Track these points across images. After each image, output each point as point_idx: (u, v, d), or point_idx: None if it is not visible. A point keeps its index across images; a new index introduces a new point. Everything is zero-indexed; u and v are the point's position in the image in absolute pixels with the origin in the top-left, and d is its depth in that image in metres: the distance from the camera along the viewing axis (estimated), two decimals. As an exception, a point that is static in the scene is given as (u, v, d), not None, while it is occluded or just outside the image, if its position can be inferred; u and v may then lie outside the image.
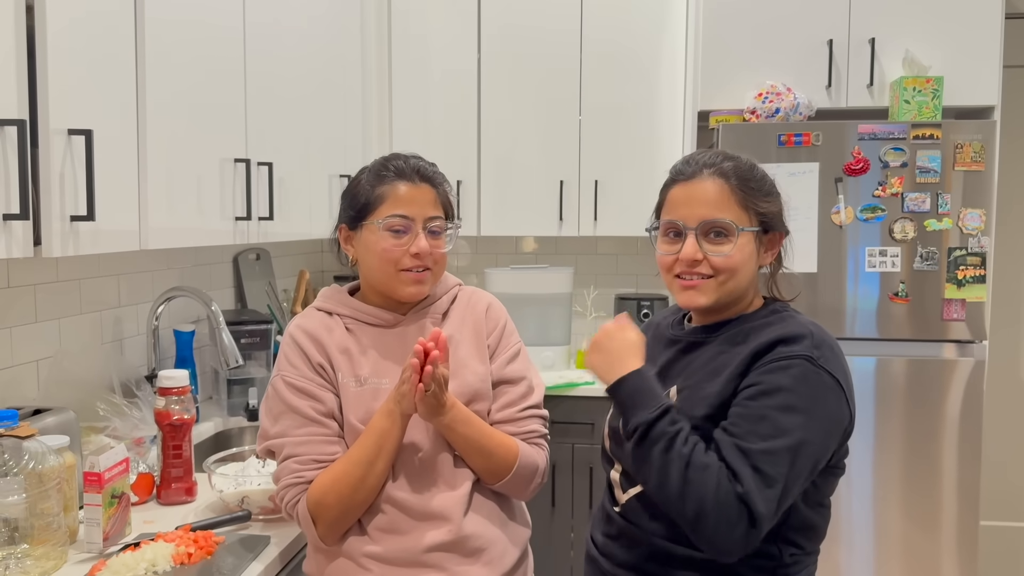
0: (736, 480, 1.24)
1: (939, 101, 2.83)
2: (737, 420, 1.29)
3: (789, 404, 1.27)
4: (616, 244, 3.72)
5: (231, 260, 3.11)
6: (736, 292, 1.41)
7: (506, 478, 1.52)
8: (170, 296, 2.38)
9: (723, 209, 1.38)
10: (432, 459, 1.51)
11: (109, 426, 1.98)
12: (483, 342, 1.60)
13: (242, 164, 2.25)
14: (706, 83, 3.08)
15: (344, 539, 1.49)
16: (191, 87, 1.99)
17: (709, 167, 1.41)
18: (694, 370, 1.40)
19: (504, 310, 1.68)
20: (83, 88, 1.59)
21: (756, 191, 1.40)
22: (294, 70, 2.62)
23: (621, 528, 1.42)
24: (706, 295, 1.40)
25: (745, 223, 1.38)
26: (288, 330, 1.56)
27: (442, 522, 1.47)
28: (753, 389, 1.29)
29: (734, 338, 1.39)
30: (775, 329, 1.35)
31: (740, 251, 1.37)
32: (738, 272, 1.38)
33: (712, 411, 1.33)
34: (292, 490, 1.47)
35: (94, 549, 1.58)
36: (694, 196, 1.40)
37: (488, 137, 3.44)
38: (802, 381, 1.28)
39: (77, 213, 1.55)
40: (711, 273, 1.38)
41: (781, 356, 1.30)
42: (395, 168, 1.56)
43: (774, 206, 1.43)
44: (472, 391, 1.54)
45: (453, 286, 1.66)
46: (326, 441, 1.48)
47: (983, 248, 2.82)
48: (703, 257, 1.38)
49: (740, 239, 1.37)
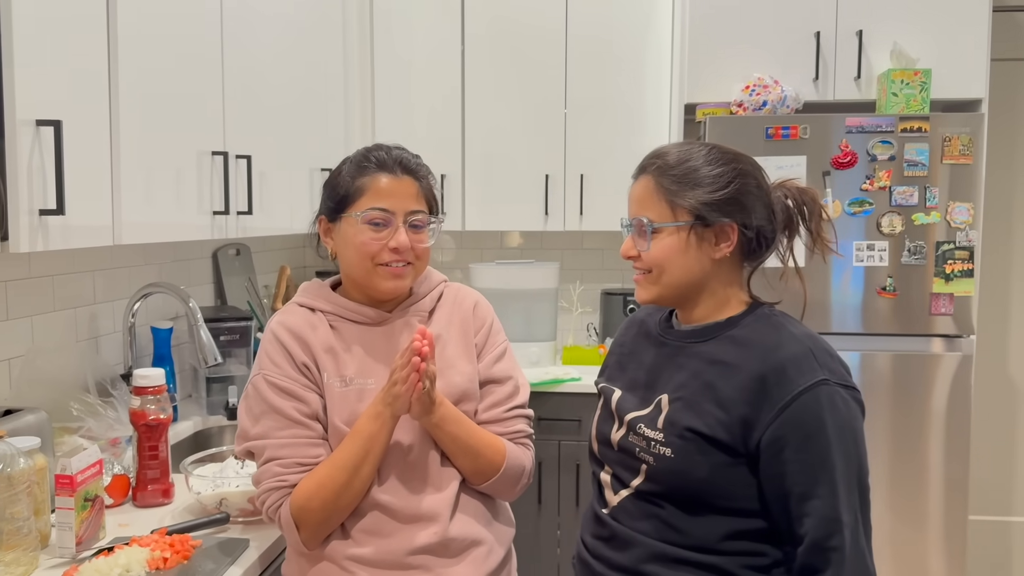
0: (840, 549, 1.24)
1: (927, 94, 2.81)
2: (797, 478, 1.26)
3: (830, 439, 1.25)
4: (601, 239, 3.69)
5: (210, 256, 3.05)
6: (676, 286, 1.38)
7: (493, 479, 1.48)
8: (147, 292, 2.32)
9: (645, 206, 1.38)
10: (418, 460, 1.46)
11: (83, 427, 1.92)
12: (471, 341, 1.56)
13: (220, 157, 2.20)
14: (693, 75, 3.05)
15: (327, 542, 1.44)
16: (165, 76, 1.94)
17: (646, 165, 1.42)
18: (686, 380, 1.37)
19: (491, 308, 1.64)
20: (52, 78, 1.53)
21: (682, 184, 1.35)
22: (274, 61, 2.56)
23: (614, 530, 1.38)
24: (644, 289, 1.42)
25: (668, 218, 1.36)
26: (270, 327, 1.51)
27: (429, 524, 1.43)
28: (797, 437, 1.26)
29: (724, 347, 1.35)
30: (771, 343, 1.32)
31: (659, 246, 1.36)
32: (667, 267, 1.37)
33: (711, 432, 1.29)
34: (274, 494, 1.42)
35: (66, 554, 1.53)
36: (631, 195, 1.44)
37: (472, 130, 3.39)
38: (832, 409, 1.26)
39: (46, 207, 1.50)
40: (647, 268, 1.39)
41: (799, 388, 1.26)
42: (376, 159, 1.51)
43: (709, 196, 1.34)
44: (460, 391, 1.50)
45: (439, 283, 1.62)
46: (310, 444, 1.43)
47: (971, 242, 2.80)
48: (637, 253, 1.40)
49: (661, 234, 1.36)
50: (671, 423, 1.33)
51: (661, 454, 1.32)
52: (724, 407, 1.30)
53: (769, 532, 1.31)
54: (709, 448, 1.29)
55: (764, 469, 1.28)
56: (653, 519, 1.34)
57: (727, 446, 1.29)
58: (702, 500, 1.31)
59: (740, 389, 1.30)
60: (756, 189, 1.38)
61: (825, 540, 1.24)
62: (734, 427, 1.29)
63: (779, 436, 1.26)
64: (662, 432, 1.34)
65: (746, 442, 1.28)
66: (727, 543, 1.30)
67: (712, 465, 1.29)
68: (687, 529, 1.32)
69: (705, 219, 1.35)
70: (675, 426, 1.33)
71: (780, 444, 1.26)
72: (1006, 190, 3.46)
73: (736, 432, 1.29)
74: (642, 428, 1.37)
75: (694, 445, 1.30)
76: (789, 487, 1.26)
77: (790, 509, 1.27)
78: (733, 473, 1.29)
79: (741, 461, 1.29)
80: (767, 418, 1.27)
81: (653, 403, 1.39)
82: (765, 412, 1.27)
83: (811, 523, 1.25)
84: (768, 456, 1.27)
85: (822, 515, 1.24)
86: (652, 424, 1.36)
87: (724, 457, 1.29)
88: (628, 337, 1.55)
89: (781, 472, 1.26)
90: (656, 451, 1.33)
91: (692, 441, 1.30)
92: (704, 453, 1.30)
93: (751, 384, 1.29)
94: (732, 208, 1.36)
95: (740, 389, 1.30)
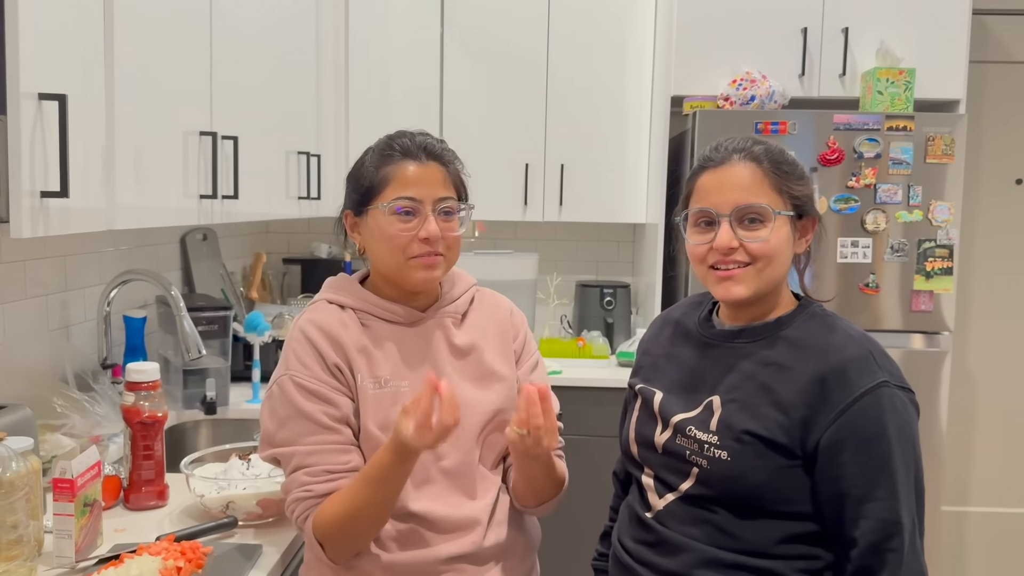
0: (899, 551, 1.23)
1: (911, 93, 2.84)
2: (855, 480, 1.24)
3: (891, 442, 1.24)
4: (576, 230, 3.65)
5: (178, 241, 2.90)
6: (775, 280, 1.35)
7: (548, 502, 1.45)
8: (125, 279, 2.19)
9: (757, 193, 1.32)
10: (458, 470, 1.39)
11: (66, 424, 1.79)
12: (509, 347, 1.50)
13: (208, 137, 2.08)
14: (680, 68, 3.02)
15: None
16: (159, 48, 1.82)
17: (739, 152, 1.35)
18: (738, 382, 1.33)
19: (524, 316, 1.59)
20: (55, 49, 1.41)
21: (789, 174, 1.35)
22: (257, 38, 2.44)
23: (661, 535, 1.34)
24: (745, 284, 1.32)
25: (780, 207, 1.32)
26: (299, 325, 1.40)
27: (466, 533, 1.37)
28: (857, 440, 1.24)
29: (778, 348, 1.32)
30: (828, 345, 1.29)
31: (777, 236, 1.31)
32: (775, 258, 1.32)
33: (770, 435, 1.26)
34: (302, 504, 1.32)
35: (65, 563, 1.42)
36: (726, 182, 1.33)
37: (451, 119, 3.31)
38: (892, 413, 1.25)
39: (47, 188, 1.38)
40: (748, 261, 1.32)
41: (861, 391, 1.24)
42: (400, 147, 1.43)
43: (807, 190, 1.37)
44: (505, 399, 1.44)
45: (470, 286, 1.54)
46: (339, 450, 1.34)
47: (951, 240, 2.85)
48: (739, 244, 1.31)
49: (776, 223, 1.31)
50: (726, 425, 1.30)
51: (716, 457, 1.29)
52: (783, 409, 1.27)
53: (822, 535, 1.28)
54: (767, 451, 1.26)
55: (821, 471, 1.25)
56: (705, 524, 1.30)
57: (785, 448, 1.26)
58: (757, 504, 1.28)
59: (799, 391, 1.26)
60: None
61: (884, 542, 1.22)
62: (793, 429, 1.26)
63: (839, 438, 1.24)
64: (716, 435, 1.30)
65: (803, 444, 1.26)
66: (781, 547, 1.28)
67: (770, 469, 1.26)
68: (740, 534, 1.28)
69: (804, 211, 1.34)
70: (731, 429, 1.29)
71: (840, 446, 1.24)
72: (971, 191, 3.54)
73: (795, 434, 1.26)
74: (692, 431, 1.33)
75: (752, 448, 1.27)
76: (847, 489, 1.24)
77: (846, 511, 1.24)
78: (789, 476, 1.27)
79: (797, 463, 1.27)
80: (826, 420, 1.24)
81: (702, 405, 1.34)
82: (824, 414, 1.24)
83: (869, 525, 1.23)
84: (826, 458, 1.25)
85: (881, 518, 1.22)
86: (704, 426, 1.32)
87: (782, 460, 1.26)
88: (664, 337, 1.50)
89: (839, 475, 1.24)
90: (711, 454, 1.29)
91: (750, 444, 1.27)
92: (762, 456, 1.26)
93: (810, 386, 1.26)
94: (812, 204, 1.37)
95: (799, 391, 1.26)
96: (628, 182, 3.33)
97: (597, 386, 2.99)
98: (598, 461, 2.57)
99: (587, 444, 2.82)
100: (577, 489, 1.54)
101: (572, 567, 2.62)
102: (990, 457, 3.66)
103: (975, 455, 3.67)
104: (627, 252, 3.70)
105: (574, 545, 2.69)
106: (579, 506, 2.45)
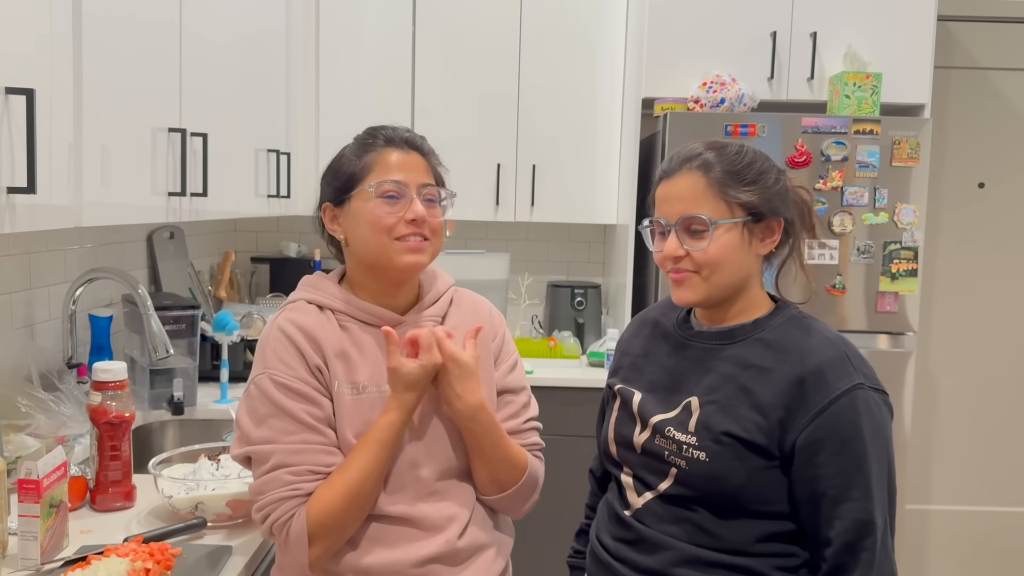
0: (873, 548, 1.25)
1: (878, 97, 2.89)
2: (831, 480, 1.25)
3: (866, 443, 1.25)
4: (547, 231, 3.66)
5: (145, 239, 2.87)
6: (725, 286, 1.36)
7: (510, 490, 1.43)
8: (91, 278, 2.15)
9: (698, 204, 1.34)
10: (433, 472, 1.39)
11: (31, 424, 1.76)
12: (490, 347, 1.50)
13: (177, 134, 2.05)
14: (651, 70, 3.03)
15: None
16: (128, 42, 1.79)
17: (688, 161, 1.37)
18: (717, 383, 1.34)
19: (503, 316, 1.59)
20: (22, 43, 1.38)
21: (737, 180, 1.34)
22: (227, 35, 2.42)
23: (640, 533, 1.35)
24: (692, 290, 1.36)
25: (723, 215, 1.33)
26: (278, 324, 1.38)
27: (439, 533, 1.36)
28: (833, 441, 1.25)
29: (757, 350, 1.34)
30: (806, 347, 1.31)
31: (718, 244, 1.33)
32: (720, 266, 1.34)
33: (749, 436, 1.28)
34: (285, 504, 1.29)
35: (30, 565, 1.39)
36: (672, 193, 1.37)
37: (423, 119, 3.30)
38: (867, 414, 1.26)
39: (14, 184, 1.35)
40: (695, 268, 1.35)
41: (837, 392, 1.26)
42: (384, 136, 1.44)
43: (765, 192, 1.35)
44: (487, 397, 1.43)
45: (448, 287, 1.53)
46: (323, 451, 1.32)
47: (916, 243, 2.90)
48: (685, 253, 1.34)
49: (717, 232, 1.33)
50: (705, 426, 1.31)
51: (695, 458, 1.30)
52: (762, 411, 1.28)
53: (798, 533, 1.30)
54: (746, 452, 1.28)
55: (797, 471, 1.27)
56: (684, 523, 1.32)
57: (764, 450, 1.27)
58: (736, 504, 1.29)
59: (778, 393, 1.28)
60: (786, 186, 1.38)
61: (858, 542, 1.24)
62: (772, 431, 1.27)
63: (816, 439, 1.25)
64: (695, 435, 1.31)
65: (781, 445, 1.27)
66: (760, 545, 1.29)
67: (749, 470, 1.28)
68: (720, 532, 1.30)
69: (759, 215, 1.34)
70: (710, 430, 1.30)
71: (816, 447, 1.25)
72: (935, 194, 3.60)
73: (773, 435, 1.27)
74: (671, 431, 1.34)
75: (731, 450, 1.28)
76: (823, 489, 1.26)
77: (822, 511, 1.26)
78: (768, 476, 1.28)
79: (775, 464, 1.28)
80: (803, 421, 1.26)
81: (680, 406, 1.36)
82: (801, 415, 1.26)
83: (844, 525, 1.24)
84: (803, 459, 1.26)
85: (855, 518, 1.24)
86: (682, 427, 1.33)
87: (760, 461, 1.28)
88: (642, 338, 1.51)
89: (815, 475, 1.26)
90: (689, 455, 1.30)
91: (729, 446, 1.28)
92: (741, 458, 1.28)
93: (788, 388, 1.28)
94: (778, 204, 1.36)
95: (778, 393, 1.28)
96: (599, 183, 3.35)
97: (568, 386, 2.99)
98: (569, 460, 2.58)
99: (558, 443, 2.80)
100: (548, 488, 1.54)
101: (546, 565, 2.63)
102: (951, 456, 3.73)
103: (936, 454, 3.73)
104: (598, 253, 3.71)
105: (547, 543, 2.70)
106: (551, 505, 2.45)
